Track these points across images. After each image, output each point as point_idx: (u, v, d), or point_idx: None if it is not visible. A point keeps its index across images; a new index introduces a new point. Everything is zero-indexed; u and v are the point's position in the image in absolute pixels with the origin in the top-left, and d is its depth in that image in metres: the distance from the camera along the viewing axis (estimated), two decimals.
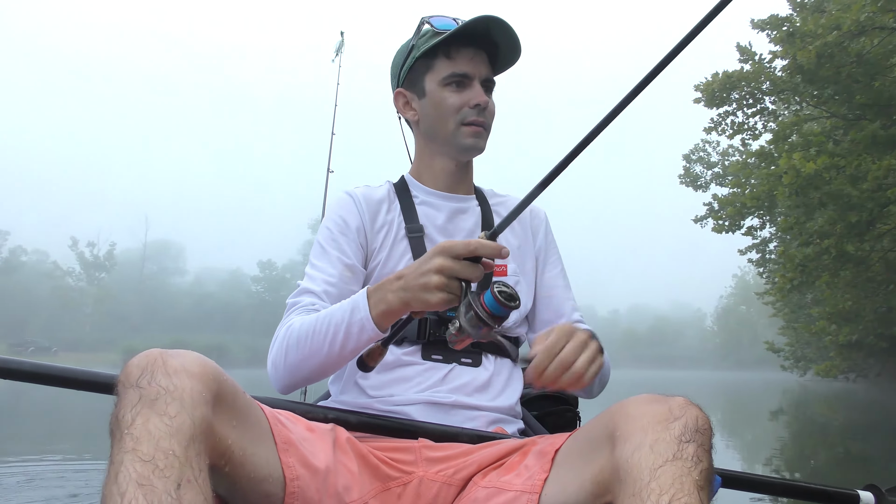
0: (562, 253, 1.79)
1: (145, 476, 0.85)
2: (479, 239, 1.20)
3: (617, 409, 1.07)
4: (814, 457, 8.08)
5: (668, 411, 1.02)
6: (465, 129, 1.59)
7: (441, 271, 1.20)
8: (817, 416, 15.16)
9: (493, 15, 1.54)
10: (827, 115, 16.49)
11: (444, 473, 1.29)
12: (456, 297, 1.20)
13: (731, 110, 17.13)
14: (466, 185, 1.71)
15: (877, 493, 1.62)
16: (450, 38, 1.57)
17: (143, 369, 0.96)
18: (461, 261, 1.20)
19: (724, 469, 1.39)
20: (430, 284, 1.21)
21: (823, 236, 15.20)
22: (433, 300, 1.21)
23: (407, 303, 1.26)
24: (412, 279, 1.24)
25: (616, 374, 1.66)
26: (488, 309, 1.15)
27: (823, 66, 14.05)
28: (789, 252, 16.15)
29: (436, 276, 1.20)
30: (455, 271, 1.19)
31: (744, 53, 16.73)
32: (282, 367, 1.43)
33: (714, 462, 1.02)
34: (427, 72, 1.62)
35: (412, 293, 1.24)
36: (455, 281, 1.20)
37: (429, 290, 1.21)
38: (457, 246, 1.20)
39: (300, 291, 1.54)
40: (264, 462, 1.11)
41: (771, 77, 16.29)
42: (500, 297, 1.15)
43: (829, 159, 13.98)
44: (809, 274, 15.54)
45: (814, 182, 14.07)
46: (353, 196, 1.65)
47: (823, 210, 15.15)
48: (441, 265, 1.20)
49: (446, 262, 1.20)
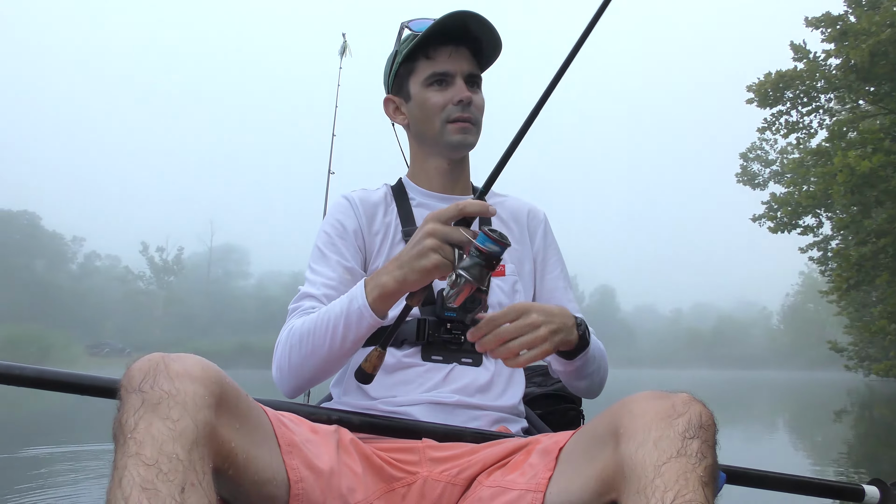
0: (623, 251, 1.81)
1: (149, 480, 0.85)
2: (467, 200, 1.25)
3: (620, 407, 1.07)
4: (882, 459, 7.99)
5: (671, 407, 1.01)
6: (450, 127, 1.60)
7: (433, 234, 1.24)
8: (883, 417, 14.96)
9: (466, 10, 1.54)
10: (884, 112, 16.21)
11: (449, 473, 1.29)
12: (449, 262, 1.23)
13: (785, 109, 16.99)
14: (463, 185, 1.71)
15: (882, 487, 1.62)
16: (427, 38, 1.58)
17: (146, 374, 0.96)
18: (452, 226, 1.24)
19: (728, 465, 1.40)
20: (424, 248, 1.24)
21: (880, 235, 14.97)
22: (428, 263, 1.24)
23: (403, 280, 1.29)
24: (406, 252, 1.28)
25: (678, 374, 1.66)
26: (483, 247, 1.19)
27: (878, 64, 13.88)
28: (844, 252, 15.93)
29: (429, 239, 1.24)
30: (447, 234, 1.23)
31: (798, 52, 16.56)
32: (286, 369, 1.45)
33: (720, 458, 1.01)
34: (410, 75, 1.64)
35: (408, 266, 1.27)
36: (448, 246, 1.23)
37: (423, 255, 1.24)
38: (446, 211, 1.25)
39: (300, 296, 1.55)
40: (268, 464, 1.11)
41: (826, 75, 16.10)
42: (492, 234, 1.19)
43: (885, 157, 13.80)
44: (867, 273, 15.33)
45: (870, 180, 13.90)
46: (350, 200, 1.67)
47: (881, 208, 14.93)
48: (433, 229, 1.24)
49: (437, 225, 1.24)
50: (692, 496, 0.91)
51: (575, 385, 1.61)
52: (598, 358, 1.54)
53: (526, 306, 1.33)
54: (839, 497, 1.61)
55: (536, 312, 1.33)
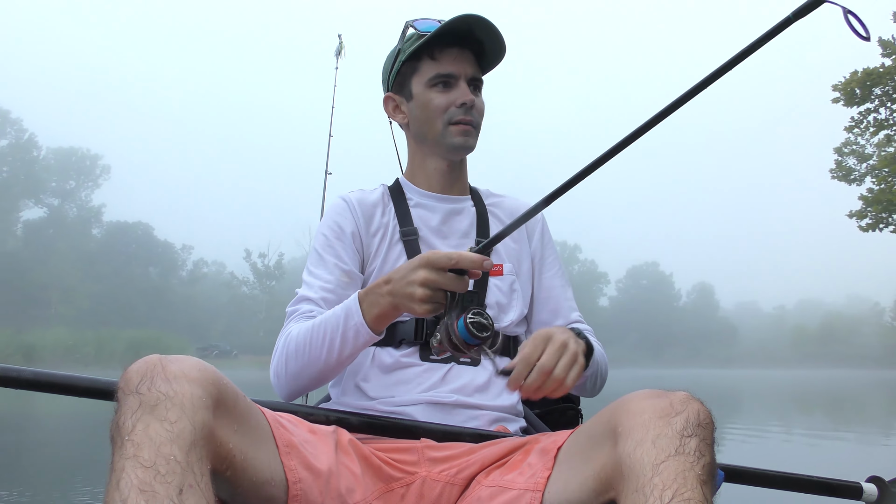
0: (720, 247, 1.84)
1: (147, 482, 0.85)
2: (463, 252, 1.21)
3: (618, 405, 1.07)
4: None
5: (669, 406, 1.01)
6: (452, 129, 1.59)
7: (425, 284, 1.22)
8: None
9: (474, 13, 1.54)
10: None
11: (447, 473, 1.29)
12: (441, 305, 1.23)
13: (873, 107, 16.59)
14: (461, 186, 1.70)
15: (880, 484, 1.62)
16: (433, 39, 1.57)
17: (143, 375, 0.96)
18: (445, 273, 1.21)
19: (727, 463, 1.39)
20: (414, 296, 1.23)
21: None
22: (418, 311, 1.24)
23: (396, 307, 1.30)
24: (398, 286, 1.27)
25: (783, 374, 1.61)
26: (460, 337, 1.18)
27: None
28: None
29: (420, 288, 1.23)
30: (438, 283, 1.22)
31: (886, 48, 16.20)
32: (283, 376, 1.45)
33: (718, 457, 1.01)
34: (413, 74, 1.63)
35: (399, 300, 1.27)
36: (440, 292, 1.22)
37: (414, 301, 1.24)
38: (440, 259, 1.22)
39: (298, 299, 1.54)
40: (266, 465, 1.11)
41: None
42: (471, 327, 1.17)
43: None
44: None
45: None
46: (347, 201, 1.66)
47: None
48: (424, 278, 1.22)
49: (430, 274, 1.22)
50: (690, 494, 0.91)
51: (578, 386, 1.60)
52: (599, 362, 1.54)
53: (545, 332, 1.32)
54: (837, 494, 1.61)
55: (557, 332, 1.32)
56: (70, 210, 65.58)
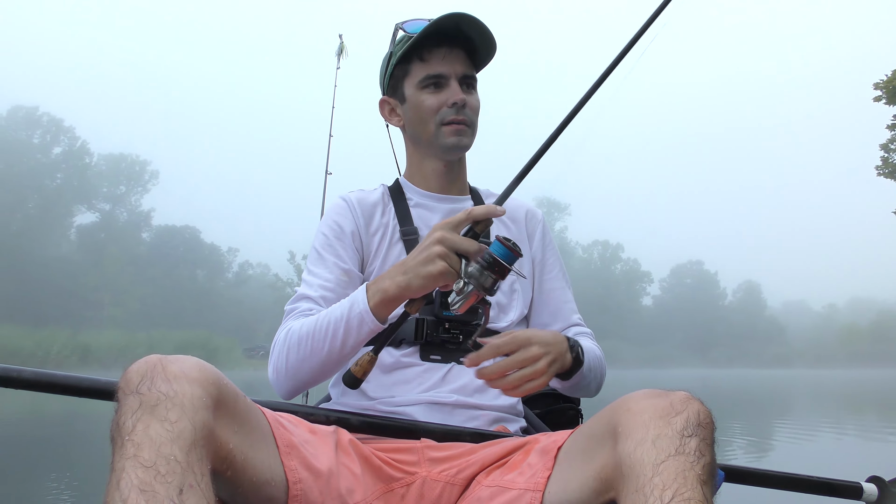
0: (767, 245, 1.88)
1: (147, 482, 0.85)
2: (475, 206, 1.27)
3: (618, 405, 1.07)
4: None
5: (669, 406, 1.01)
6: (445, 129, 1.59)
7: (442, 241, 1.24)
8: None
9: (460, 11, 1.53)
10: None
11: (448, 473, 1.29)
12: (455, 271, 1.23)
13: None
14: (460, 185, 1.70)
15: (880, 484, 1.61)
16: (422, 40, 1.57)
17: (143, 375, 0.96)
18: (460, 235, 1.25)
19: (727, 463, 1.39)
20: (431, 255, 1.24)
21: None
22: (434, 270, 1.24)
23: (406, 285, 1.28)
24: (412, 258, 1.28)
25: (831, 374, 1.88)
26: (496, 257, 1.19)
27: None
28: None
29: (437, 245, 1.24)
30: (455, 242, 1.24)
31: None
32: (283, 371, 1.43)
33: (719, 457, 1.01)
34: (405, 77, 1.63)
35: (413, 271, 1.27)
36: (454, 255, 1.24)
37: (430, 261, 1.24)
38: (455, 217, 1.26)
39: (297, 298, 1.53)
40: (266, 466, 1.11)
41: None
42: (507, 242, 1.20)
43: None
44: None
45: None
46: (347, 201, 1.66)
47: None
48: (442, 236, 1.24)
49: (446, 233, 1.24)
50: (690, 494, 0.91)
51: (570, 393, 1.63)
52: (594, 369, 1.53)
53: (526, 337, 1.33)
54: (837, 494, 1.61)
55: (537, 344, 1.33)
56: (121, 215, 66.58)
